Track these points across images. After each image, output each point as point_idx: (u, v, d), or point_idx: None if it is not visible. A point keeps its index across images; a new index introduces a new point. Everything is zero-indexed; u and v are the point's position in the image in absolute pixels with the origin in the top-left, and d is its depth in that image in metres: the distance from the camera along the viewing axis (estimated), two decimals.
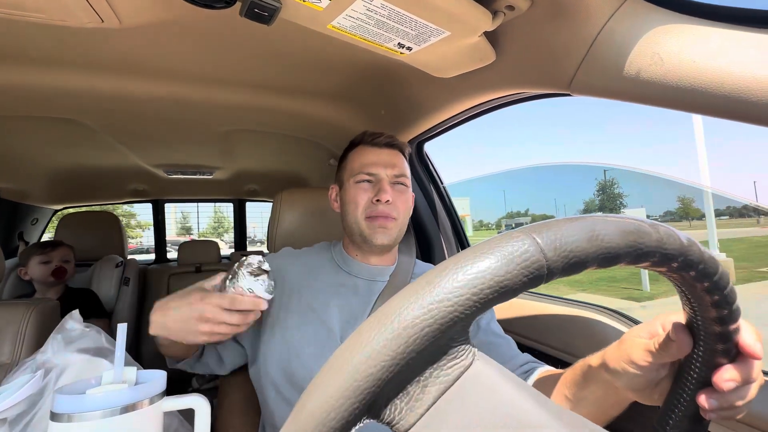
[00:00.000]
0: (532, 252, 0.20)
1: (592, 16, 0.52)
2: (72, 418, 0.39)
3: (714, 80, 0.44)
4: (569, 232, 0.21)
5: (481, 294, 0.19)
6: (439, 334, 0.19)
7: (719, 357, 0.29)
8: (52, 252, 1.61)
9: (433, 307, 0.19)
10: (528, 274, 0.20)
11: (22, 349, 0.87)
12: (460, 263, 0.20)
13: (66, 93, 0.94)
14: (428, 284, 0.20)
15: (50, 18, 0.61)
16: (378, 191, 0.73)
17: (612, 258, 0.22)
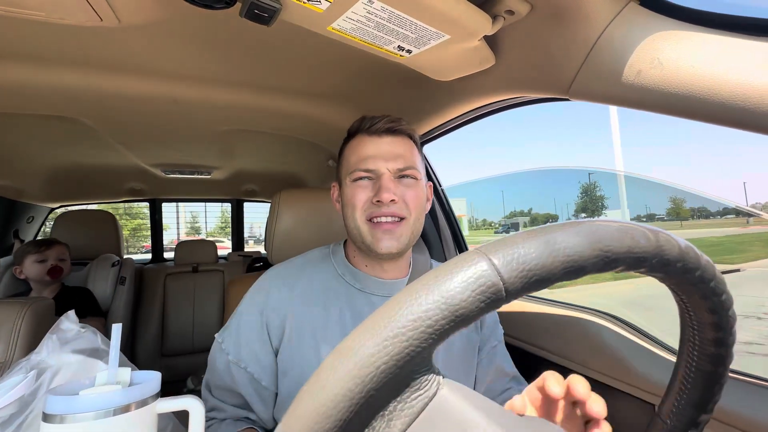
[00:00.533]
0: (487, 276, 0.19)
1: (592, 21, 0.52)
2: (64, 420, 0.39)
3: (712, 87, 0.44)
4: (527, 249, 0.20)
5: (436, 325, 0.19)
6: (397, 370, 0.19)
7: (713, 346, 0.29)
8: (48, 251, 1.60)
9: (388, 344, 0.18)
10: (485, 299, 0.19)
11: (16, 348, 0.86)
12: (414, 294, 0.19)
13: (64, 91, 0.94)
14: (383, 318, 0.19)
15: (49, 16, 0.60)
16: (378, 190, 0.61)
17: (577, 270, 0.21)
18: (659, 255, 0.23)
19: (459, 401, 0.21)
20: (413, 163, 0.66)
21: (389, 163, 0.63)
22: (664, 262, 0.23)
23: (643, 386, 0.69)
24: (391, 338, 0.18)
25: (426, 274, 0.21)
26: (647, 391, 0.69)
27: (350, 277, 0.69)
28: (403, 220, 0.63)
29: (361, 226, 0.63)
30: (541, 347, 0.91)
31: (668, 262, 0.23)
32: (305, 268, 0.71)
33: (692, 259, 0.24)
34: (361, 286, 0.68)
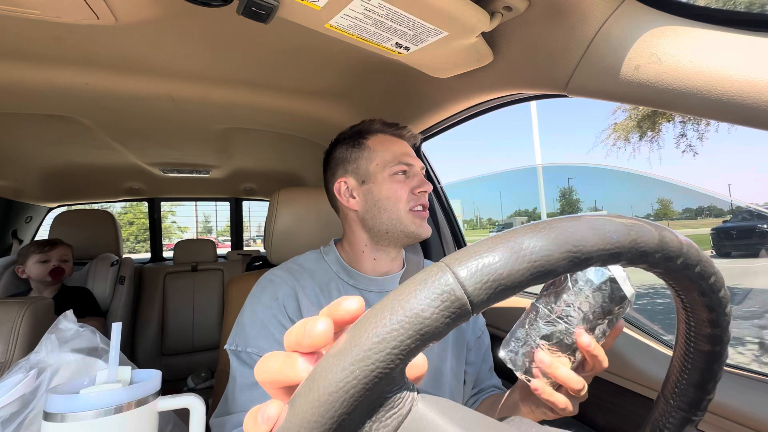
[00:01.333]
0: (451, 290, 0.19)
1: (589, 17, 0.52)
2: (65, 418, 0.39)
3: (710, 83, 0.44)
4: (491, 258, 0.20)
5: (401, 346, 0.18)
6: (367, 392, 0.18)
7: (707, 327, 0.29)
8: (51, 251, 1.60)
9: (355, 368, 0.18)
10: (449, 314, 0.19)
11: (15, 348, 0.86)
12: (378, 315, 0.19)
13: (61, 90, 0.93)
14: (350, 342, 0.19)
15: (45, 14, 0.60)
16: (419, 182, 0.69)
17: (546, 273, 0.20)
18: (635, 248, 0.23)
19: (434, 416, 0.20)
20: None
21: (418, 162, 0.72)
22: (641, 253, 0.23)
23: (641, 381, 0.70)
24: (357, 362, 0.18)
25: (392, 291, 0.20)
26: (646, 386, 0.69)
27: (345, 275, 0.72)
28: (427, 210, 0.71)
29: (404, 216, 0.68)
30: None
31: (646, 254, 0.23)
32: (303, 266, 0.73)
33: (673, 247, 0.24)
34: (355, 283, 0.71)
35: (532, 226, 0.21)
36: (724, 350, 0.30)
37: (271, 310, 0.65)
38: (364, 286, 0.71)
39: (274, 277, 0.70)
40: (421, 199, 0.69)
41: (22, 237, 2.17)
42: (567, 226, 0.21)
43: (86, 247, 1.98)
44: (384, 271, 0.73)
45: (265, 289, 0.68)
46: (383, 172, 0.69)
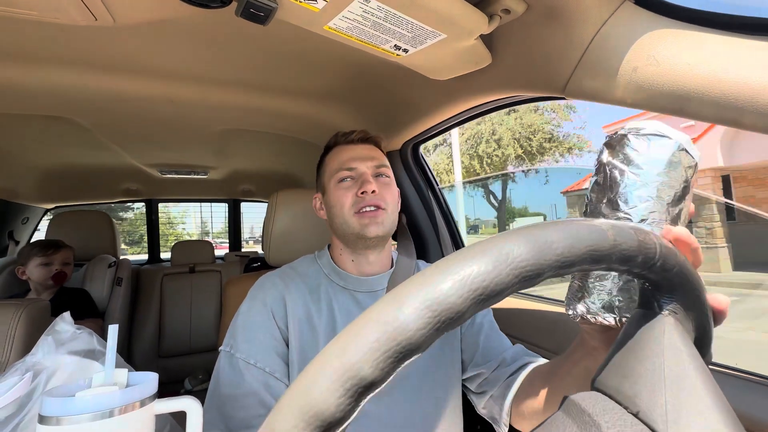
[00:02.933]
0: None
1: (587, 20, 0.52)
2: (60, 421, 0.39)
3: (707, 86, 0.44)
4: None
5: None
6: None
7: None
8: (55, 254, 1.58)
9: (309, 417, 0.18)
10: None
11: (11, 349, 0.86)
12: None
13: (58, 91, 0.93)
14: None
15: (42, 15, 0.60)
16: (362, 183, 0.70)
17: (455, 320, 0.19)
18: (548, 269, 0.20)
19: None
20: (386, 163, 0.76)
21: (366, 163, 0.74)
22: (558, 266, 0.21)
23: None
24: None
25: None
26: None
27: (336, 277, 0.74)
28: (384, 211, 0.71)
29: (350, 219, 0.71)
30: (538, 345, 0.92)
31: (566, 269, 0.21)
32: (296, 270, 0.76)
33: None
34: (345, 284, 0.74)
35: (441, 268, 0.20)
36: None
37: (260, 316, 0.68)
38: (354, 286, 0.74)
39: (265, 280, 0.74)
40: (366, 200, 0.70)
41: (18, 238, 2.16)
42: (471, 264, 0.19)
43: (83, 248, 1.97)
44: (370, 272, 0.75)
45: (256, 296, 0.71)
46: (331, 181, 0.74)
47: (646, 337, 0.25)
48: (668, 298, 0.26)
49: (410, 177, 1.26)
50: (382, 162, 0.75)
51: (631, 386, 0.24)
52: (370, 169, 0.73)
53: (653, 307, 0.27)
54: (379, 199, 0.71)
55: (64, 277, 1.59)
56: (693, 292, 0.26)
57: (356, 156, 0.74)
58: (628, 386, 0.24)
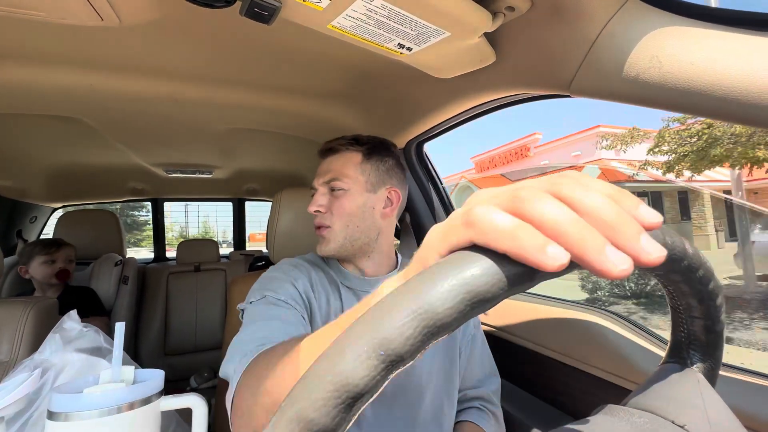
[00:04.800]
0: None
1: (592, 17, 0.52)
2: (69, 417, 0.39)
3: (712, 82, 0.44)
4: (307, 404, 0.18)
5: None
6: None
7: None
8: (57, 252, 1.59)
9: None
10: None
11: (20, 347, 0.87)
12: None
13: (65, 91, 0.94)
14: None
15: (49, 16, 0.60)
16: (310, 204, 0.74)
17: (397, 363, 0.18)
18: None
19: None
20: (340, 174, 0.73)
21: (320, 179, 0.75)
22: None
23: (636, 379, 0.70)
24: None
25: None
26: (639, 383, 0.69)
27: (341, 276, 0.76)
28: (328, 228, 0.72)
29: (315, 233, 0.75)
30: (542, 345, 0.92)
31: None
32: (306, 261, 0.78)
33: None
34: (349, 284, 0.75)
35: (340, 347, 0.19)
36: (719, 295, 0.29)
37: (284, 279, 0.69)
38: (358, 286, 0.75)
39: (280, 265, 0.75)
40: (316, 219, 0.74)
41: (26, 237, 2.18)
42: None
43: (90, 247, 1.99)
44: (370, 273, 0.76)
45: (280, 264, 0.75)
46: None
47: (681, 393, 0.28)
48: (697, 350, 0.29)
49: (414, 176, 1.26)
50: (336, 174, 0.73)
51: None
52: (322, 185, 0.75)
53: (685, 361, 0.30)
54: (322, 218, 0.73)
55: (68, 274, 1.60)
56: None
57: (318, 172, 0.77)
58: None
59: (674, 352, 0.32)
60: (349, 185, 0.73)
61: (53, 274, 1.57)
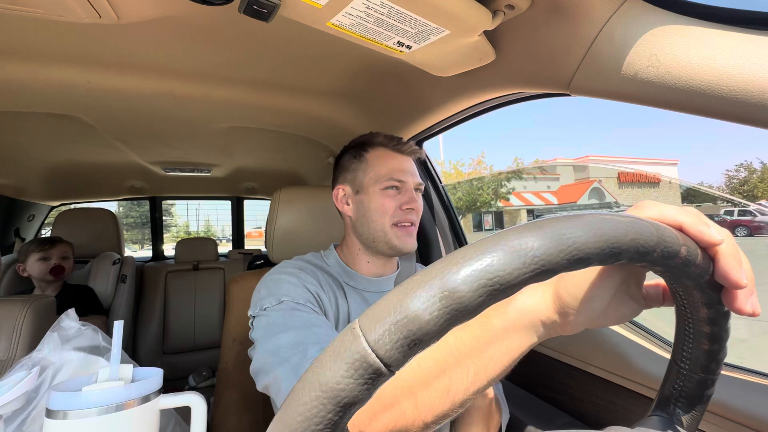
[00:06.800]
0: (362, 358, 0.18)
1: (592, 16, 0.52)
2: (67, 415, 0.39)
3: (711, 81, 0.44)
4: (397, 315, 0.18)
5: (324, 421, 0.18)
6: None
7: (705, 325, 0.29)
8: (51, 249, 1.60)
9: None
10: (365, 381, 0.18)
11: (18, 346, 0.86)
12: (300, 392, 0.19)
13: (63, 89, 0.93)
14: (279, 421, 0.19)
15: (48, 13, 0.60)
16: (409, 199, 0.73)
17: (461, 317, 0.19)
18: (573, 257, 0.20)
19: None
20: (421, 179, 0.78)
21: (413, 178, 0.75)
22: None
23: (642, 381, 0.70)
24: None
25: (312, 364, 0.20)
26: (646, 385, 0.69)
27: (346, 277, 0.75)
28: (415, 226, 0.75)
29: (389, 229, 0.72)
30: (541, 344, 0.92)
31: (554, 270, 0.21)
32: (308, 263, 0.76)
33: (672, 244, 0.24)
34: (355, 284, 0.75)
35: (445, 261, 0.20)
36: (724, 329, 0.29)
37: (296, 278, 0.67)
38: (363, 286, 0.75)
39: (285, 267, 0.71)
40: (408, 215, 0.72)
41: (24, 235, 2.17)
42: (481, 256, 0.19)
43: (88, 245, 1.99)
44: (379, 273, 0.77)
45: (284, 266, 0.71)
46: (375, 185, 0.73)
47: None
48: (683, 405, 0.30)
49: None
50: (421, 180, 0.78)
51: None
52: (415, 185, 0.75)
53: (671, 417, 0.31)
54: (416, 216, 0.75)
55: (62, 270, 1.61)
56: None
57: (407, 169, 0.75)
58: None
59: (661, 405, 0.32)
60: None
61: (48, 270, 1.57)
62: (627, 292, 0.34)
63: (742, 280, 0.24)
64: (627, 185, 25.20)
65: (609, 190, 23.94)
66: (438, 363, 0.38)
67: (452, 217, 1.28)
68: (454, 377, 0.37)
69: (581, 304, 0.33)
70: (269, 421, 0.22)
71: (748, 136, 58.68)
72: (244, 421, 0.86)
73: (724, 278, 0.24)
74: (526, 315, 0.35)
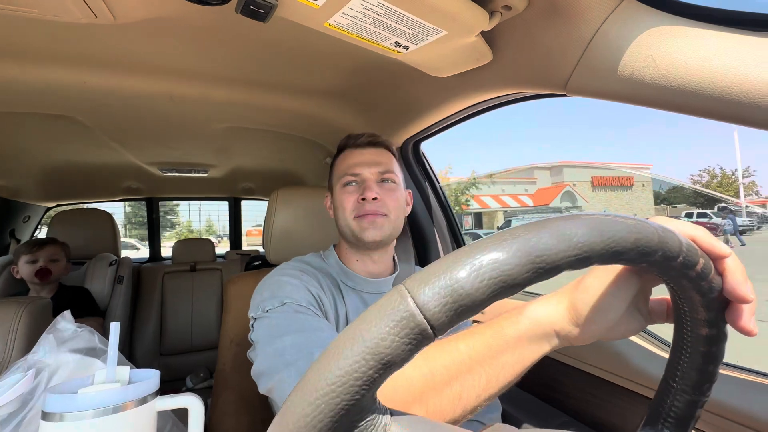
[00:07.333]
0: (410, 317, 0.19)
1: (588, 17, 0.52)
2: (63, 418, 0.39)
3: (706, 82, 0.44)
4: (448, 280, 0.19)
5: (364, 377, 0.18)
6: (335, 424, 0.18)
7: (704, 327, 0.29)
8: (39, 251, 1.56)
9: (320, 402, 0.18)
10: (410, 341, 0.19)
11: (13, 348, 0.86)
12: (341, 346, 0.19)
13: (59, 89, 0.93)
14: (315, 375, 0.19)
15: (43, 13, 0.60)
16: (363, 190, 0.72)
17: (507, 289, 0.19)
18: (608, 249, 0.21)
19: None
20: (391, 168, 0.76)
21: (371, 169, 0.75)
22: (613, 254, 0.22)
23: (639, 380, 0.70)
24: (322, 396, 0.18)
25: (355, 320, 0.20)
26: (643, 384, 0.69)
27: (344, 277, 0.76)
28: (385, 216, 0.73)
29: (351, 222, 0.73)
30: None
31: (620, 253, 0.22)
32: (309, 264, 0.76)
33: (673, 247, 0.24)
34: (353, 285, 0.75)
35: (494, 238, 0.20)
36: (720, 351, 0.30)
37: (298, 280, 0.68)
38: (361, 287, 0.75)
39: (285, 268, 0.73)
40: (366, 207, 0.72)
41: (20, 236, 2.16)
42: (530, 236, 0.20)
43: (84, 246, 1.97)
44: (375, 272, 0.77)
45: (285, 268, 0.72)
46: (337, 184, 0.76)
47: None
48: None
49: (411, 174, 1.26)
50: (388, 167, 0.76)
51: None
52: (374, 175, 0.74)
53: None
54: (379, 206, 0.72)
55: (49, 273, 1.57)
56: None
57: (362, 161, 0.75)
58: None
59: (650, 422, 0.33)
60: (398, 181, 0.77)
61: (33, 273, 1.54)
62: (637, 306, 0.35)
63: (749, 295, 0.25)
64: (600, 188, 26.83)
65: (582, 194, 25.18)
66: (449, 370, 0.38)
67: (450, 217, 1.28)
68: (465, 384, 0.37)
69: (597, 315, 0.34)
70: (267, 422, 0.22)
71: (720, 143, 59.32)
72: (242, 422, 0.86)
73: (732, 292, 0.26)
74: (539, 325, 0.36)
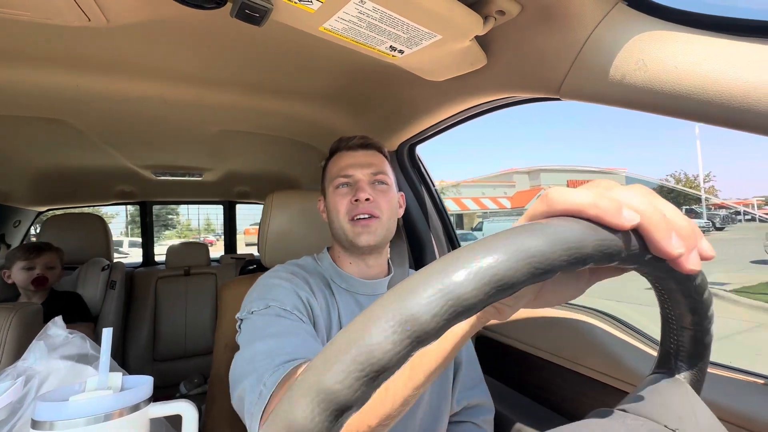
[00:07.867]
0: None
1: (581, 22, 0.53)
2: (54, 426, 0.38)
3: (696, 86, 0.45)
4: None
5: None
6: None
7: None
8: (36, 258, 1.55)
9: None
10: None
11: (3, 355, 0.84)
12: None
13: (51, 92, 0.92)
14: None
15: (36, 16, 0.59)
16: (356, 191, 0.72)
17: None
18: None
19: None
20: (383, 170, 0.76)
21: (364, 170, 0.75)
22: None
23: (632, 380, 0.70)
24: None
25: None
26: (630, 383, 0.70)
27: (339, 279, 0.76)
28: (377, 219, 0.72)
29: (345, 225, 0.73)
30: (533, 345, 0.92)
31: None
32: (305, 267, 0.77)
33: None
34: (347, 287, 0.75)
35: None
36: (707, 333, 0.30)
37: (286, 286, 0.68)
38: (356, 289, 0.75)
39: (278, 271, 0.73)
40: (359, 208, 0.71)
41: (10, 242, 2.13)
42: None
43: (76, 251, 1.95)
44: (370, 274, 0.77)
45: (277, 271, 0.72)
46: (330, 186, 0.76)
47: (671, 400, 0.29)
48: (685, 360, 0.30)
49: (406, 178, 1.26)
50: (381, 169, 0.76)
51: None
52: (366, 176, 0.74)
53: (673, 372, 0.31)
54: (372, 207, 0.72)
55: (45, 281, 1.55)
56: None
57: (354, 163, 0.75)
58: None
59: (663, 362, 0.33)
60: (390, 182, 0.77)
61: (30, 281, 1.52)
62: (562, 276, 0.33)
63: (674, 250, 0.22)
64: None
65: None
66: None
67: (446, 221, 1.29)
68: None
69: (512, 298, 0.34)
70: None
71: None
72: (237, 429, 0.85)
73: (658, 254, 0.22)
74: None
